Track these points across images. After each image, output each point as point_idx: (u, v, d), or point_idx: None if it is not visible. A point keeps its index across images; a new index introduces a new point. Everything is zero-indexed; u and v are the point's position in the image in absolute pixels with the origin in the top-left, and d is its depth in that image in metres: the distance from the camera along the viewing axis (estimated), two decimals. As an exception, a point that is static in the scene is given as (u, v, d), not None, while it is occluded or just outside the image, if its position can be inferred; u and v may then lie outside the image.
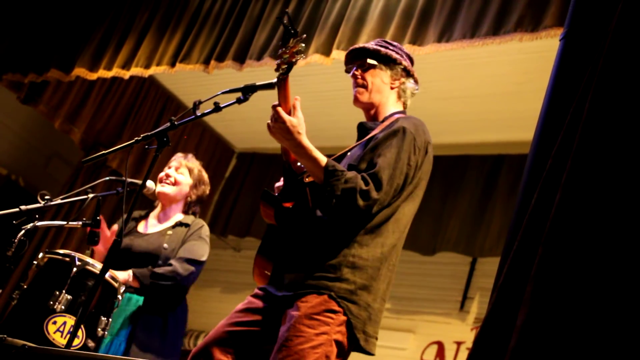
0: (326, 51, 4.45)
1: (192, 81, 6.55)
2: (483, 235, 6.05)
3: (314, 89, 6.11)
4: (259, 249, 2.76)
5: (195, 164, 4.15)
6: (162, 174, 4.07)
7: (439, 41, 4.04)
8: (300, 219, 2.63)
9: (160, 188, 4.01)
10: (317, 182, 2.54)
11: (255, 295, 2.70)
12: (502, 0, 3.88)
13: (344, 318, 2.48)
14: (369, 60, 2.85)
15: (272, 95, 2.72)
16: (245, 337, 2.61)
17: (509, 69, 5.36)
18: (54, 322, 3.07)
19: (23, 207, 3.24)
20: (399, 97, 2.88)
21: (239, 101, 2.71)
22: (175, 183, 4.04)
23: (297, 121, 2.53)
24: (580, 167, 2.03)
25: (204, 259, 3.90)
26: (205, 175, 4.18)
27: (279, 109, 2.53)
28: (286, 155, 2.72)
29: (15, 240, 3.14)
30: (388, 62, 2.84)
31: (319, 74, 5.59)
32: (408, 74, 2.88)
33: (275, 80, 2.61)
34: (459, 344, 6.08)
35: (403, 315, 6.39)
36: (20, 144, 7.26)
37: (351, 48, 2.95)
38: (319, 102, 6.33)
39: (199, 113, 2.73)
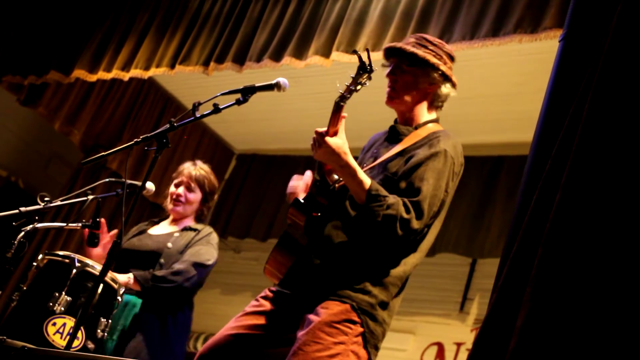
0: (326, 53, 4.45)
1: (191, 83, 6.55)
2: (483, 237, 6.05)
3: (314, 90, 6.11)
4: (279, 243, 2.74)
5: (204, 173, 4.16)
6: (172, 190, 4.12)
7: (438, 42, 4.04)
8: (331, 229, 2.62)
9: (172, 207, 4.08)
10: (359, 203, 2.52)
11: (265, 297, 2.69)
12: (502, 2, 3.88)
13: (361, 330, 2.48)
14: (404, 65, 2.77)
15: (273, 97, 2.73)
16: (252, 341, 2.60)
17: (509, 70, 5.36)
18: (54, 324, 3.07)
19: (23, 209, 3.24)
20: (432, 102, 2.82)
21: (238, 102, 2.71)
22: (186, 202, 4.09)
23: (341, 142, 2.53)
24: (580, 168, 2.03)
25: (209, 263, 3.90)
26: (214, 181, 4.22)
27: (326, 138, 2.52)
28: (320, 165, 2.71)
29: (15, 242, 3.14)
30: (425, 66, 2.75)
31: (319, 75, 5.59)
32: (446, 78, 2.79)
33: (281, 83, 2.64)
34: (458, 345, 6.07)
35: (403, 316, 6.38)
36: (20, 145, 7.26)
37: (388, 46, 2.87)
38: (318, 104, 6.32)
39: (198, 114, 2.73)
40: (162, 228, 4.12)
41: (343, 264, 2.54)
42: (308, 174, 2.84)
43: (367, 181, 2.50)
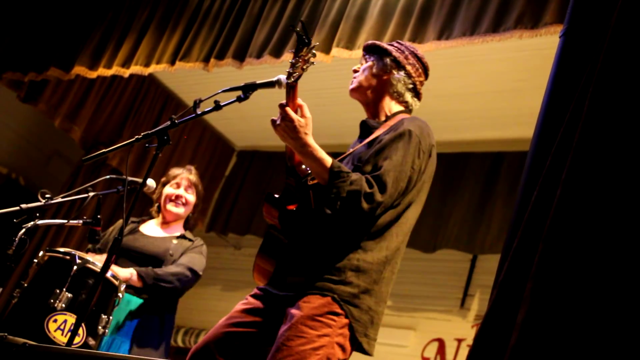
0: (326, 49, 4.45)
1: (192, 79, 6.55)
2: (483, 233, 6.05)
3: (313, 87, 6.10)
4: (260, 248, 2.76)
5: (197, 179, 4.30)
6: (171, 192, 4.18)
7: (438, 39, 4.04)
8: (304, 222, 2.62)
9: (173, 208, 4.16)
10: (322, 183, 2.52)
11: (254, 295, 2.70)
12: (502, -2, 3.89)
13: (346, 321, 2.47)
14: (366, 55, 2.88)
15: (273, 93, 2.73)
16: (243, 338, 2.61)
17: (509, 66, 5.36)
18: (55, 320, 3.07)
19: (23, 206, 3.24)
20: (391, 90, 2.83)
21: (239, 99, 2.71)
22: (186, 204, 4.19)
23: (305, 121, 2.53)
24: (580, 164, 2.03)
25: (200, 272, 4.03)
26: (202, 189, 4.37)
27: (287, 108, 2.52)
28: (290, 158, 2.70)
29: (16, 239, 3.15)
30: (378, 52, 2.85)
31: (319, 71, 5.57)
32: (399, 65, 2.82)
33: (282, 80, 2.61)
34: (459, 341, 6.09)
35: (404, 312, 6.40)
36: (21, 142, 7.26)
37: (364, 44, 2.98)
38: (318, 100, 6.32)
39: (199, 111, 2.73)
40: (154, 230, 4.17)
41: (320, 256, 2.54)
42: None
43: (328, 160, 2.50)
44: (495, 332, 2.04)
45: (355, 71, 2.89)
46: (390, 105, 2.84)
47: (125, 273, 3.73)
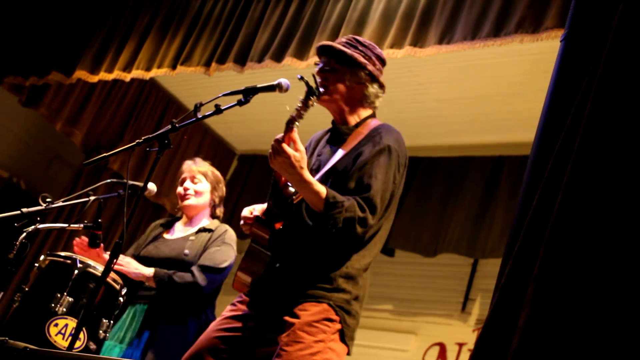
0: (327, 53, 4.44)
1: (193, 84, 6.55)
2: (484, 237, 6.05)
3: (315, 91, 6.11)
4: (243, 262, 2.82)
5: (205, 166, 4.16)
6: (179, 190, 4.08)
7: (440, 43, 4.04)
8: (292, 237, 2.70)
9: (185, 202, 4.04)
10: (317, 211, 2.58)
11: (241, 301, 2.80)
12: (503, 2, 3.88)
13: (338, 326, 2.59)
14: (333, 63, 2.83)
15: (274, 97, 2.73)
16: (234, 342, 2.70)
17: (510, 71, 5.36)
18: (56, 325, 3.07)
19: (24, 210, 3.24)
20: (361, 101, 2.86)
21: (240, 103, 2.71)
22: (196, 194, 4.06)
23: (299, 155, 2.57)
24: (581, 168, 2.03)
25: (224, 265, 3.86)
26: (218, 173, 4.20)
27: (284, 144, 2.55)
28: (278, 179, 2.74)
29: (17, 243, 3.15)
30: (352, 65, 2.81)
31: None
32: (373, 78, 2.84)
33: (282, 84, 2.69)
34: (460, 345, 6.08)
35: (405, 316, 6.39)
36: (22, 146, 7.26)
37: (320, 44, 2.91)
38: (316, 105, 6.31)
39: (200, 115, 2.73)
40: (178, 231, 4.08)
41: (311, 267, 2.64)
42: (260, 206, 2.92)
43: (322, 190, 2.57)
44: (497, 336, 2.04)
45: (320, 77, 2.82)
46: (359, 112, 2.88)
47: (148, 270, 3.73)
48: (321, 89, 2.77)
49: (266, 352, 2.65)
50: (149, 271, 3.75)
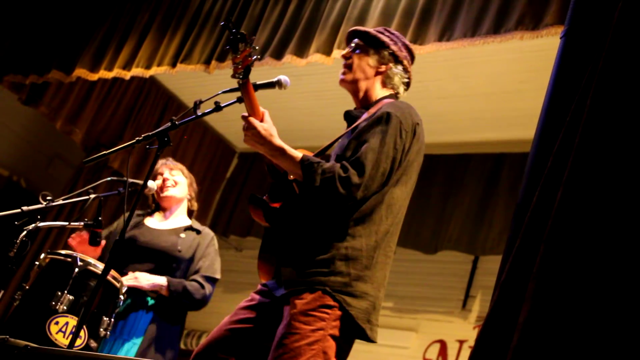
0: (327, 51, 4.45)
1: (193, 81, 6.55)
2: (485, 234, 6.05)
3: (315, 89, 6.12)
4: (260, 250, 2.77)
5: (180, 165, 4.25)
6: (158, 182, 4.12)
7: (439, 40, 4.04)
8: (290, 217, 2.63)
9: (165, 193, 4.09)
10: (298, 179, 2.55)
11: (257, 292, 2.72)
12: (503, -1, 3.89)
13: (339, 313, 2.46)
14: (356, 40, 2.86)
15: (274, 95, 2.73)
16: (245, 334, 2.62)
17: (510, 68, 5.36)
18: (56, 323, 3.07)
19: (25, 208, 3.24)
20: (385, 82, 2.85)
21: (239, 100, 2.71)
22: (176, 184, 4.13)
23: (267, 125, 2.58)
24: (581, 164, 2.03)
25: (219, 276, 4.04)
26: (186, 169, 4.30)
27: (250, 118, 2.57)
28: (268, 159, 2.72)
29: (17, 241, 3.15)
30: (376, 45, 2.83)
31: (320, 73, 5.59)
32: (397, 59, 2.84)
33: (282, 81, 2.66)
34: (461, 342, 6.08)
35: (405, 314, 6.39)
36: (22, 145, 7.26)
37: (350, 30, 2.94)
38: (320, 102, 6.33)
39: (199, 113, 2.73)
40: (159, 222, 4.12)
41: (308, 251, 2.53)
42: None
43: (297, 154, 2.54)
44: (497, 333, 2.04)
45: (346, 57, 2.87)
46: (378, 92, 2.85)
47: (161, 280, 3.82)
48: (343, 70, 2.82)
49: None
50: (163, 280, 3.84)
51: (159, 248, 3.93)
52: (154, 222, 4.11)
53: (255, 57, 2.53)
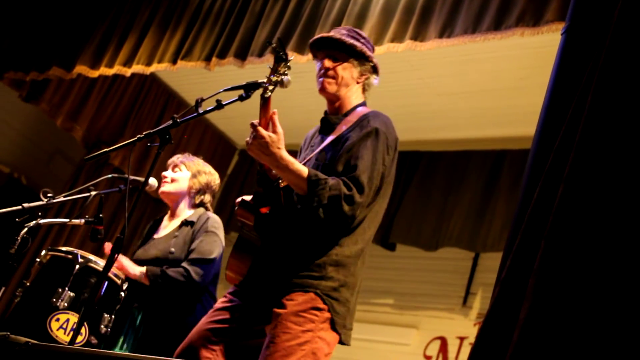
0: (328, 48, 4.44)
1: (193, 78, 6.55)
2: (485, 231, 6.05)
3: (314, 86, 6.10)
4: (234, 250, 2.82)
5: (193, 159, 4.13)
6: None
7: (440, 37, 4.04)
8: (278, 223, 2.68)
9: (161, 189, 4.01)
10: (301, 194, 2.58)
11: (233, 293, 2.79)
12: (503, -5, 3.88)
13: (327, 315, 2.57)
14: (343, 54, 2.86)
15: (276, 92, 2.72)
16: (226, 333, 2.69)
17: (511, 64, 5.35)
18: (57, 319, 3.08)
19: (26, 205, 3.24)
20: (363, 91, 2.93)
21: (241, 98, 2.71)
22: (172, 181, 4.02)
23: (276, 137, 2.58)
24: (582, 161, 2.03)
25: (213, 255, 3.79)
26: (207, 166, 4.14)
27: (259, 127, 2.57)
28: (262, 164, 2.74)
29: (18, 238, 3.15)
30: (360, 57, 2.87)
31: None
32: (375, 70, 2.92)
33: (283, 79, 2.64)
34: (461, 339, 6.08)
35: (406, 310, 6.39)
36: (23, 142, 7.26)
37: (322, 35, 2.92)
38: (320, 99, 6.31)
39: (201, 110, 2.74)
40: (164, 228, 4.05)
41: (299, 255, 2.62)
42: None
43: (304, 170, 2.57)
44: (498, 329, 2.04)
45: (327, 69, 2.86)
46: (352, 100, 2.90)
47: (140, 269, 3.70)
48: (327, 80, 2.83)
49: (257, 343, 2.64)
50: (141, 269, 3.71)
51: (153, 257, 3.82)
52: (163, 225, 4.07)
53: (286, 75, 2.60)
